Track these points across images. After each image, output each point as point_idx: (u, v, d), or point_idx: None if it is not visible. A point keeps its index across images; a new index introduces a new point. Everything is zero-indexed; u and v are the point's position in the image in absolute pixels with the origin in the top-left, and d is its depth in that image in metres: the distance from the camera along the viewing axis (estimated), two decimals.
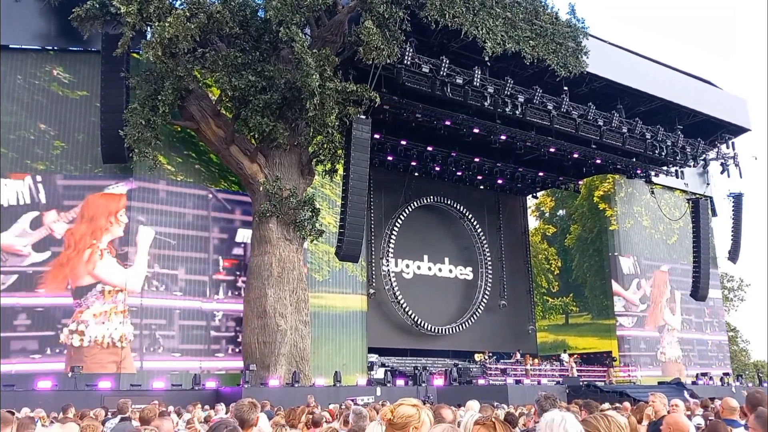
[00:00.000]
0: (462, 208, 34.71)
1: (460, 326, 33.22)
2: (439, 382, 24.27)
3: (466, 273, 34.97)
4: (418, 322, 31.58)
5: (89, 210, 22.11)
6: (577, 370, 29.32)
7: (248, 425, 4.58)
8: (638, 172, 33.77)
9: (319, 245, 25.31)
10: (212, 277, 23.57)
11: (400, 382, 23.87)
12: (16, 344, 20.86)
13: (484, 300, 34.44)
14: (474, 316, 33.86)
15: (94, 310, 21.43)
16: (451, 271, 34.51)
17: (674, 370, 33.57)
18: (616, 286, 33.64)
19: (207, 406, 14.82)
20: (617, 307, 33.56)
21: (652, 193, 35.09)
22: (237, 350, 23.03)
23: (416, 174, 32.45)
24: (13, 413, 5.32)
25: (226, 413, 11.64)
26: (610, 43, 28.03)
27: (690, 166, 33.17)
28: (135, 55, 21.65)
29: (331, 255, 24.43)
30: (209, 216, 23.92)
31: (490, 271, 35.09)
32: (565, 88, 25.37)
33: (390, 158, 30.04)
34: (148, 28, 20.34)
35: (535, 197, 39.16)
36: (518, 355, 31.67)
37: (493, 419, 3.38)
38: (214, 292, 23.45)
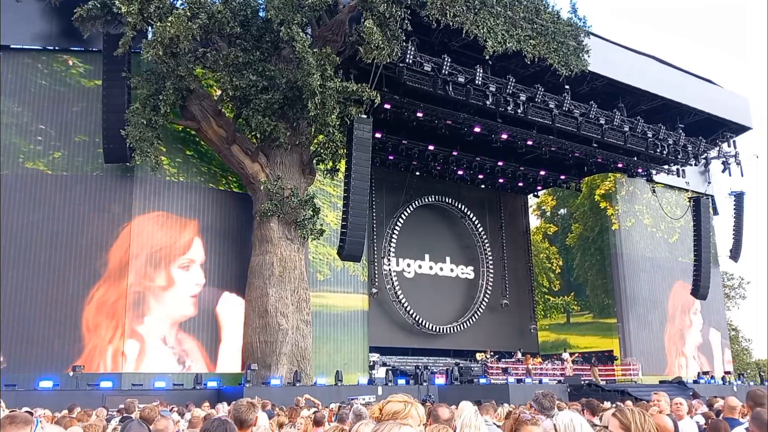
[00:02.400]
0: (463, 207, 34.72)
1: (462, 325, 33.22)
2: (440, 381, 24.28)
3: (467, 272, 34.98)
4: (420, 322, 31.59)
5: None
6: (575, 369, 29.29)
7: (247, 425, 4.58)
8: (639, 170, 33.75)
9: (320, 247, 25.31)
10: None
11: (401, 381, 23.86)
12: None
13: (485, 299, 34.45)
14: (475, 315, 33.87)
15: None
16: (452, 270, 34.51)
17: (677, 369, 33.59)
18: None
19: (207, 405, 14.83)
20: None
21: (654, 191, 35.06)
22: None
23: (417, 173, 32.45)
24: (31, 413, 5.32)
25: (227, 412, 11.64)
26: (611, 42, 28.00)
27: (691, 165, 33.16)
28: (136, 54, 21.65)
29: (333, 254, 24.45)
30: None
31: (491, 270, 35.09)
32: (567, 86, 25.36)
33: (391, 157, 30.05)
34: (149, 27, 20.34)
35: (537, 196, 39.16)
36: (519, 354, 31.65)
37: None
38: None
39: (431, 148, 29.68)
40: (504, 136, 27.91)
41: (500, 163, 32.15)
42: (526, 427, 3.38)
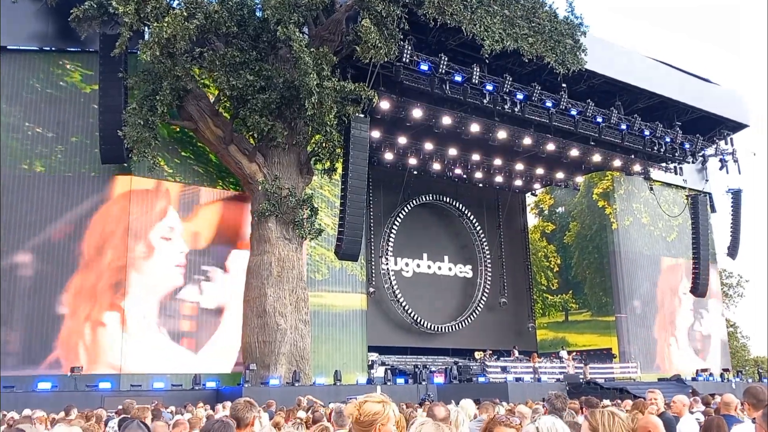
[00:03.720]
0: (461, 206, 34.72)
1: (460, 324, 33.23)
2: (439, 380, 24.28)
3: (465, 271, 34.98)
4: (418, 321, 31.59)
5: None
6: (576, 367, 29.24)
7: (244, 424, 4.57)
8: (637, 168, 33.77)
9: (317, 248, 25.29)
10: None
11: (400, 380, 23.88)
12: None
13: (483, 298, 34.46)
14: (474, 314, 33.88)
15: None
16: (450, 269, 34.51)
17: (675, 366, 33.65)
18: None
19: (207, 406, 14.82)
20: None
21: (651, 189, 35.10)
22: None
23: (415, 172, 32.43)
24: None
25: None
26: (608, 41, 28.05)
27: (689, 163, 33.21)
28: (132, 55, 21.60)
29: (331, 254, 24.43)
30: None
31: (489, 269, 35.10)
32: (564, 85, 25.37)
33: (388, 156, 30.02)
34: (146, 28, 20.32)
35: (534, 195, 39.17)
36: (516, 353, 31.64)
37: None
38: None
39: (429, 146, 29.68)
40: (501, 135, 27.90)
41: (498, 162, 32.16)
42: (500, 428, 3.38)
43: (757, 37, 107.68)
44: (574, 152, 30.13)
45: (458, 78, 23.32)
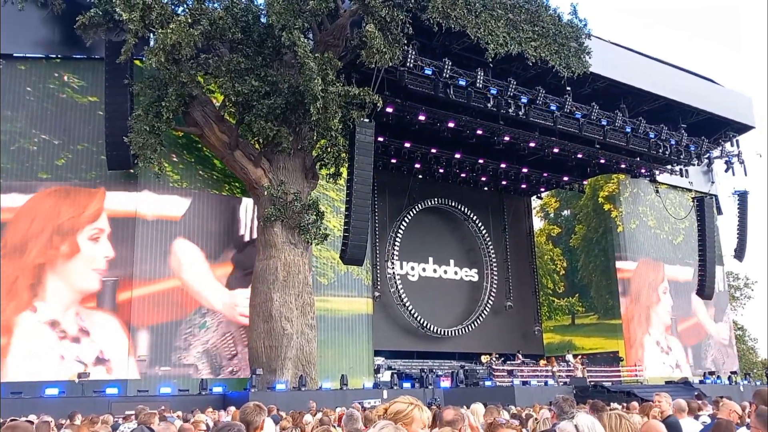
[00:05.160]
0: (466, 209, 34.71)
1: (466, 328, 33.19)
2: (445, 384, 24.23)
3: (471, 275, 34.95)
4: (424, 325, 31.57)
5: None
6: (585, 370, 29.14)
7: (253, 428, 4.59)
8: (642, 171, 33.71)
9: (323, 251, 25.30)
10: None
11: (406, 384, 23.84)
12: None
13: (489, 301, 34.42)
14: (480, 317, 33.84)
15: None
16: (456, 272, 34.49)
17: (682, 370, 33.53)
18: None
19: (211, 410, 14.83)
20: None
21: (657, 192, 35.01)
22: None
23: (420, 176, 32.46)
24: (31, 422, 5.33)
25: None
26: (612, 43, 28.03)
27: (694, 165, 33.10)
28: (138, 62, 21.71)
29: (336, 258, 24.46)
30: None
31: (495, 273, 35.07)
32: (568, 88, 25.34)
33: (394, 161, 30.06)
34: (151, 35, 20.41)
35: (540, 198, 39.14)
36: (520, 357, 31.59)
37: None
38: None
39: (434, 151, 29.70)
40: (506, 139, 27.93)
41: (503, 166, 32.15)
42: (502, 429, 3.43)
43: (760, 39, 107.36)
44: (580, 155, 30.11)
45: (462, 82, 23.36)
